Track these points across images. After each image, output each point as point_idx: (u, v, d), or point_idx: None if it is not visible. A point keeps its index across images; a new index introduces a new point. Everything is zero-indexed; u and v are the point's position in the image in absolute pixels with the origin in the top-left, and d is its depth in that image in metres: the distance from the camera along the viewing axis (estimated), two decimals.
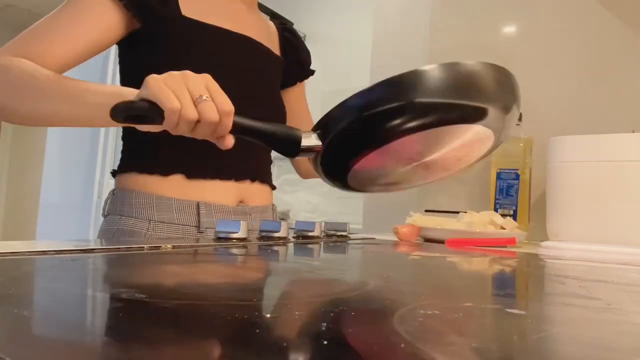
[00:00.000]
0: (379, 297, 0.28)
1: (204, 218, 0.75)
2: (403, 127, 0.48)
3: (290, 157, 0.52)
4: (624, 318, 0.26)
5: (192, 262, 0.42)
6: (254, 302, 0.25)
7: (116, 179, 0.80)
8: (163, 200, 0.74)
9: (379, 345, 0.19)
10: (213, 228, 0.76)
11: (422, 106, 0.47)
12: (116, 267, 0.37)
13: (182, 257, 0.43)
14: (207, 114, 0.51)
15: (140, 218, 0.73)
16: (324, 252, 0.58)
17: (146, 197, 0.74)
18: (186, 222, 0.75)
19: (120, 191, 0.77)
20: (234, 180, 0.78)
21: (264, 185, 0.85)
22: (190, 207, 0.75)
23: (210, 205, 0.76)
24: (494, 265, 0.55)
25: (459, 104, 0.49)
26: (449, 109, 0.48)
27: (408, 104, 0.47)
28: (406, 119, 0.47)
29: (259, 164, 0.85)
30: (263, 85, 0.84)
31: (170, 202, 0.74)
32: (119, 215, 0.75)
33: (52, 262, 0.36)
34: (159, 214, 0.73)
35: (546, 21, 1.22)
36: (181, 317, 0.21)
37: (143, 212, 0.73)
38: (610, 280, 0.43)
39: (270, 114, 0.84)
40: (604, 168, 0.86)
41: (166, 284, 0.32)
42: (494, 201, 1.11)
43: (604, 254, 0.69)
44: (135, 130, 0.79)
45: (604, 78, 1.13)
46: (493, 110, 0.50)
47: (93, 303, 0.25)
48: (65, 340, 0.17)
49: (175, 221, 0.74)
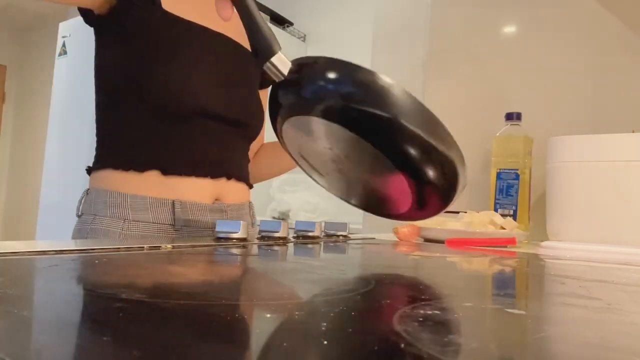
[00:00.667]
0: (379, 297, 0.28)
1: (179, 216, 0.74)
2: (364, 127, 0.47)
3: (256, 64, 0.50)
4: (624, 318, 0.26)
5: (192, 262, 0.42)
6: (253, 302, 0.25)
7: (91, 177, 0.79)
8: (137, 199, 0.74)
9: (379, 345, 0.19)
10: (189, 226, 0.76)
11: (400, 129, 0.46)
12: (116, 267, 0.37)
13: (182, 257, 0.43)
14: None
15: (115, 217, 0.73)
16: (324, 252, 0.58)
17: (121, 196, 0.74)
18: (161, 220, 0.74)
19: (95, 191, 0.76)
20: (209, 178, 0.78)
21: (240, 183, 0.85)
22: (166, 205, 0.75)
23: (185, 203, 0.76)
24: (494, 265, 0.55)
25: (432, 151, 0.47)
26: (418, 147, 0.47)
27: (394, 119, 0.46)
28: (378, 129, 0.47)
29: (235, 162, 0.84)
30: (242, 84, 0.84)
31: (145, 200, 0.74)
32: (93, 215, 0.74)
33: (52, 262, 0.36)
34: (134, 213, 0.73)
35: (546, 21, 1.22)
36: (181, 317, 0.21)
37: (117, 212, 0.73)
38: (610, 280, 0.43)
39: (249, 113, 0.84)
40: (604, 168, 0.86)
41: (166, 284, 0.32)
42: (494, 201, 1.11)
43: (604, 254, 0.69)
44: (110, 127, 0.79)
45: (604, 78, 1.13)
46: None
47: (93, 303, 0.25)
48: (65, 340, 0.17)
49: (151, 219, 0.74)
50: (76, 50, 2.54)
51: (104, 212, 0.74)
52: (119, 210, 0.73)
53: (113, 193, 0.74)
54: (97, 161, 0.79)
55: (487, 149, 1.20)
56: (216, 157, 0.79)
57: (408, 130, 0.46)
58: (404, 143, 0.47)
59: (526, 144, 1.09)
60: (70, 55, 2.61)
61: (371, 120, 0.46)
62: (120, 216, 0.73)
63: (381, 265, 0.50)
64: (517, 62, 1.25)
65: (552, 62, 1.20)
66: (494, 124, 1.16)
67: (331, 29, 2.92)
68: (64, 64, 2.65)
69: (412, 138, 0.47)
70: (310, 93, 0.49)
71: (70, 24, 2.79)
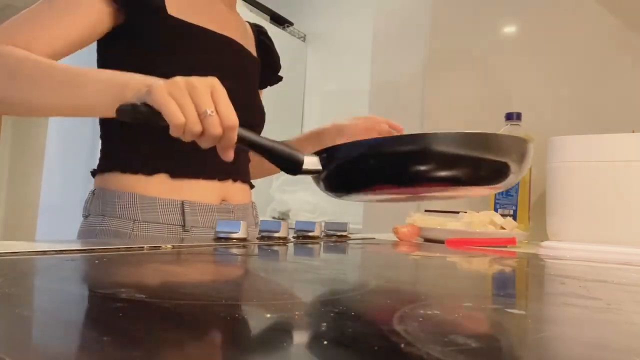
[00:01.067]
0: (379, 297, 0.28)
1: (189, 217, 0.74)
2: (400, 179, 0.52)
3: (292, 174, 0.55)
4: (624, 318, 0.26)
5: (192, 262, 0.42)
6: (253, 302, 0.25)
7: (96, 179, 0.79)
8: (147, 200, 0.73)
9: (379, 345, 0.19)
10: (198, 226, 0.75)
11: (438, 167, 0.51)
12: (116, 267, 0.37)
13: (182, 257, 0.43)
14: (211, 129, 0.52)
15: (124, 218, 0.73)
16: (324, 252, 0.58)
17: (130, 196, 0.73)
18: (171, 221, 0.74)
19: (102, 191, 0.76)
20: (217, 180, 0.78)
21: (244, 185, 0.86)
22: (175, 206, 0.74)
23: (194, 204, 0.75)
24: (494, 265, 0.55)
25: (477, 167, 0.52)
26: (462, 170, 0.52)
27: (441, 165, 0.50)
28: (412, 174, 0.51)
29: (240, 164, 0.85)
30: (245, 87, 0.84)
31: (154, 201, 0.73)
32: (102, 216, 0.73)
33: (52, 262, 0.36)
34: (144, 214, 0.73)
35: (546, 21, 1.22)
36: (181, 317, 0.21)
37: (127, 212, 0.72)
38: (610, 280, 0.43)
39: (252, 116, 0.84)
40: (604, 168, 0.86)
41: (166, 284, 0.32)
42: (494, 201, 1.11)
43: (604, 254, 0.69)
44: (114, 129, 0.79)
45: (604, 78, 1.13)
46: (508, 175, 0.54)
47: (93, 303, 0.25)
48: (65, 340, 0.17)
49: (160, 220, 0.73)
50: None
51: (112, 212, 0.73)
52: (128, 211, 0.73)
53: (122, 193, 0.73)
54: (102, 164, 0.78)
55: None
56: (224, 161, 0.79)
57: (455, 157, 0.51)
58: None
59: None
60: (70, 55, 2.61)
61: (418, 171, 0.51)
62: (130, 217, 0.72)
63: (381, 265, 0.50)
64: (517, 62, 1.24)
65: (552, 62, 1.20)
66: (494, 124, 1.16)
67: (331, 29, 2.91)
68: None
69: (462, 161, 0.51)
70: (359, 172, 0.54)
71: None
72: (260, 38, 0.96)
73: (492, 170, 0.52)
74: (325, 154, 0.54)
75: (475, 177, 0.52)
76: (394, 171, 0.51)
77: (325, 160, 0.54)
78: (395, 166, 0.51)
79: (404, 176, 0.51)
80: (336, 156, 0.53)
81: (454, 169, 0.50)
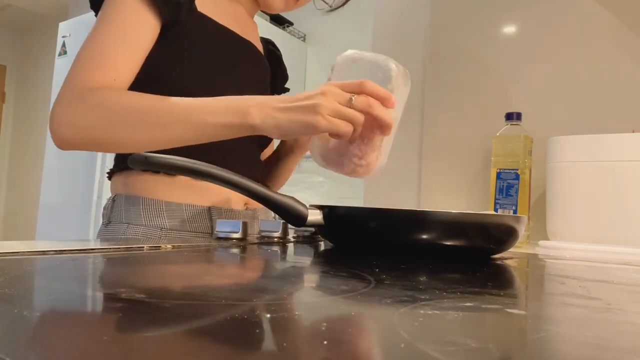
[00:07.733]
0: (378, 297, 0.28)
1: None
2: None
3: (296, 227, 0.60)
4: (624, 318, 0.26)
5: (192, 262, 0.42)
6: (253, 302, 0.25)
7: (114, 181, 0.77)
8: (172, 206, 0.71)
9: (379, 345, 0.19)
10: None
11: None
12: (116, 267, 0.37)
13: (182, 257, 0.43)
14: (362, 105, 0.59)
15: (151, 226, 0.70)
16: (323, 252, 0.58)
17: (154, 203, 0.71)
18: (199, 229, 0.72)
19: (124, 197, 0.73)
20: None
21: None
22: (202, 212, 0.73)
23: (221, 210, 0.74)
24: (494, 265, 0.55)
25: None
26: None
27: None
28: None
29: (259, 169, 0.85)
30: (260, 92, 0.85)
31: (181, 207, 0.72)
32: (126, 224, 0.71)
33: (52, 262, 0.36)
34: (170, 222, 0.71)
35: (546, 21, 1.22)
36: (181, 317, 0.21)
37: (153, 220, 0.70)
38: (610, 280, 0.43)
39: None
40: (604, 168, 0.86)
41: (166, 283, 0.32)
42: (494, 201, 1.11)
43: (604, 254, 0.69)
44: None
45: (604, 78, 1.13)
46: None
47: (93, 303, 0.25)
48: (65, 340, 0.17)
49: (188, 228, 0.71)
50: (76, 50, 2.54)
51: (137, 220, 0.70)
52: (154, 219, 0.70)
53: (146, 200, 0.71)
54: (120, 163, 0.75)
55: (487, 149, 1.20)
56: (247, 166, 0.79)
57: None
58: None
59: (526, 144, 1.09)
60: (70, 55, 2.61)
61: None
62: (157, 225, 0.70)
63: (381, 265, 0.50)
64: (517, 62, 1.24)
65: (552, 62, 1.20)
66: (494, 124, 1.16)
67: (331, 29, 2.92)
68: (63, 63, 2.65)
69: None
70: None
71: (70, 24, 2.79)
72: (268, 48, 0.98)
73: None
74: (327, 209, 0.58)
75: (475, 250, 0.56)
76: (391, 240, 0.54)
77: (326, 216, 0.58)
78: (391, 236, 0.54)
79: (401, 247, 0.54)
80: (334, 215, 0.58)
81: (452, 243, 0.53)
